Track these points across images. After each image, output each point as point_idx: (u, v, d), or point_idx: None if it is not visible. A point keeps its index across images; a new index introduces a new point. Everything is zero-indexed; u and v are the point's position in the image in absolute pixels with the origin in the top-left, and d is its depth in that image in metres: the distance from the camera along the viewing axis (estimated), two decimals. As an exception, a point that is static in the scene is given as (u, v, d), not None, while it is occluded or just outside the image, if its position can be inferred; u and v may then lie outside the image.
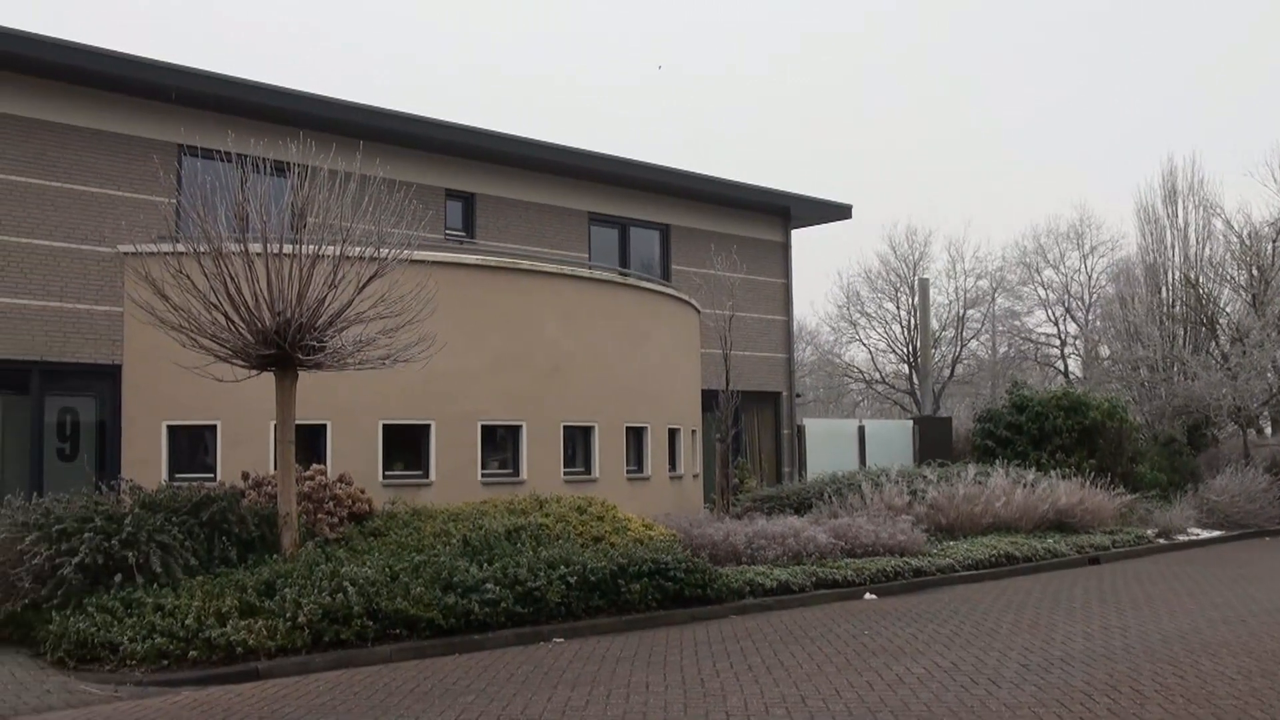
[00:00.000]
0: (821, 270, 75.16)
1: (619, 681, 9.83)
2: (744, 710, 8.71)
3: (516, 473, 19.70)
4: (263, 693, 9.62)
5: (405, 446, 18.84)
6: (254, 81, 19.79)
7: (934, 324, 48.81)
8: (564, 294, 20.59)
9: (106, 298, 18.59)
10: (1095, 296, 52.07)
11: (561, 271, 20.91)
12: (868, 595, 15.14)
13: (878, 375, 56.53)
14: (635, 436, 22.04)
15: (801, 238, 31.53)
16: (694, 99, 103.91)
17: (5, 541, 11.68)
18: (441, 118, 22.41)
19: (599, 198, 25.70)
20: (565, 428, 20.45)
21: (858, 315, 55.53)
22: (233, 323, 12.53)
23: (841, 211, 30.60)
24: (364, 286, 12.74)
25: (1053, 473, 23.13)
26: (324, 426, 17.88)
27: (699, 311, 24.97)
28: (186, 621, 10.56)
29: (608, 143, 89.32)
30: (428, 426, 18.77)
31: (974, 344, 55.23)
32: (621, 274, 23.60)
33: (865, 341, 56.03)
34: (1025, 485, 21.32)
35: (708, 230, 27.91)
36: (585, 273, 21.74)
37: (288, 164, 13.34)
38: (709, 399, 24.29)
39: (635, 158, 25.90)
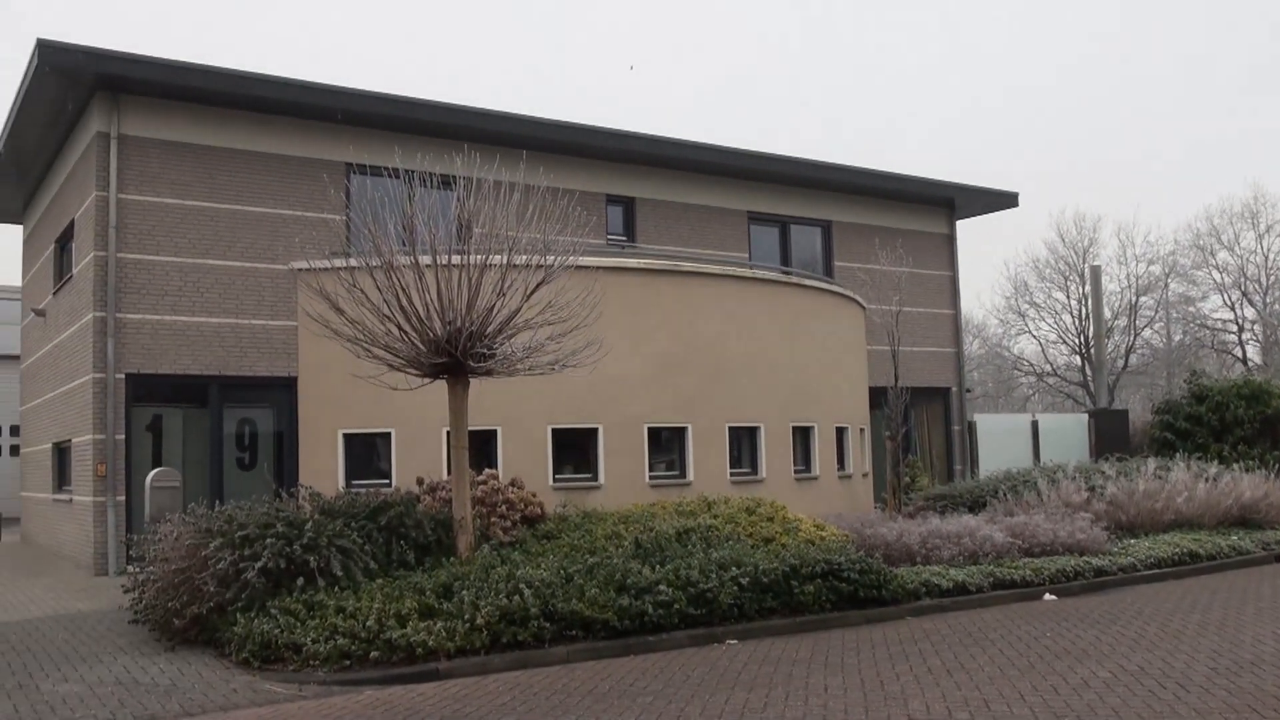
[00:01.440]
0: (988, 261, 73.65)
1: (796, 684, 9.75)
2: (926, 714, 8.55)
3: (683, 474, 19.76)
4: (444, 692, 9.80)
5: (573, 450, 19.07)
6: (418, 99, 20.31)
7: (1106, 313, 47.31)
8: (727, 294, 20.57)
9: (281, 313, 19.25)
10: (1273, 278, 49.91)
11: (724, 272, 20.90)
12: (1047, 596, 14.73)
13: (1049, 368, 55.02)
14: (802, 436, 21.91)
15: (966, 228, 30.94)
16: (844, 90, 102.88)
17: (190, 547, 12.11)
18: (601, 124, 22.62)
19: (759, 197, 25.64)
20: (731, 428, 20.44)
21: (1026, 306, 54.15)
22: (405, 333, 12.84)
23: (1007, 200, 29.92)
24: (531, 294, 12.91)
25: (1235, 465, 22.18)
26: (495, 432, 18.22)
27: (864, 308, 24.70)
28: (368, 623, 10.80)
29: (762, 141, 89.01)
30: (595, 430, 18.97)
31: (1147, 332, 53.36)
32: (784, 272, 23.48)
33: (1035, 333, 54.58)
34: (1207, 479, 20.47)
35: (870, 225, 27.59)
36: (747, 272, 21.70)
37: (453, 177, 13.62)
38: (876, 396, 23.99)
39: (794, 155, 25.73)
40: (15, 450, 33.90)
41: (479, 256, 12.66)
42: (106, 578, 17.66)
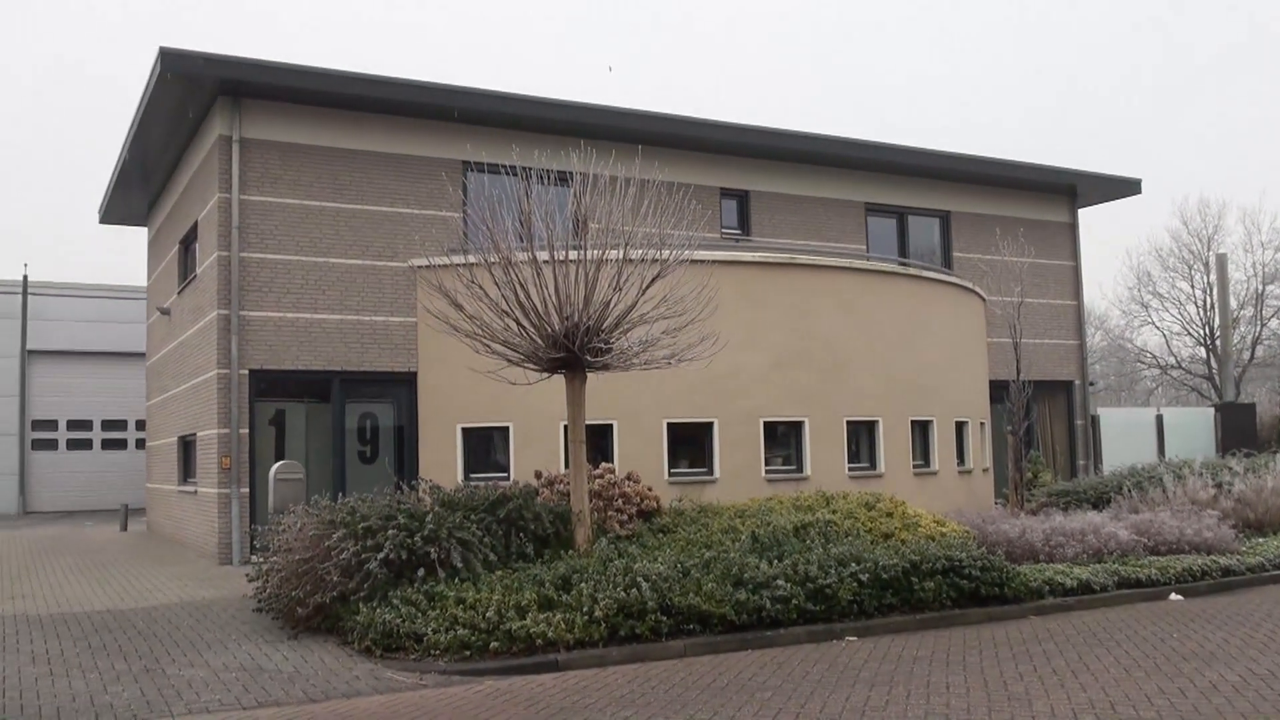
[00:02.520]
0: (1110, 250, 72.04)
1: (917, 682, 9.61)
2: (1051, 715, 8.36)
3: (800, 469, 19.62)
4: (563, 684, 9.84)
5: (689, 444, 19.04)
6: (535, 97, 20.45)
7: (1232, 302, 45.85)
8: (843, 287, 20.38)
9: (401, 309, 19.51)
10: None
11: (841, 264, 20.71)
12: (1173, 596, 14.32)
13: (1173, 360, 53.51)
14: (921, 430, 21.62)
15: (1086, 217, 30.22)
16: (967, 80, 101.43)
17: (314, 538, 12.34)
18: (716, 118, 22.56)
19: (875, 187, 25.33)
20: (848, 423, 20.25)
21: (1149, 296, 52.63)
22: (523, 328, 12.92)
23: (1130, 187, 29.18)
24: (647, 288, 12.91)
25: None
26: (611, 426, 18.27)
27: (984, 299, 24.28)
28: (487, 614, 10.89)
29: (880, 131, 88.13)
30: (711, 424, 18.92)
31: (1275, 323, 51.55)
32: (901, 264, 23.18)
33: (1158, 324, 53.03)
34: (1340, 475, 19.75)
35: (990, 214, 27.12)
36: (864, 264, 21.46)
37: (569, 173, 13.67)
38: (997, 390, 23.58)
39: (912, 145, 25.38)
40: (141, 444, 34.92)
41: (595, 252, 12.69)
42: (230, 567, 18.09)
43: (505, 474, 18.45)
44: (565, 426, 15.27)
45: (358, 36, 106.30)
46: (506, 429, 18.88)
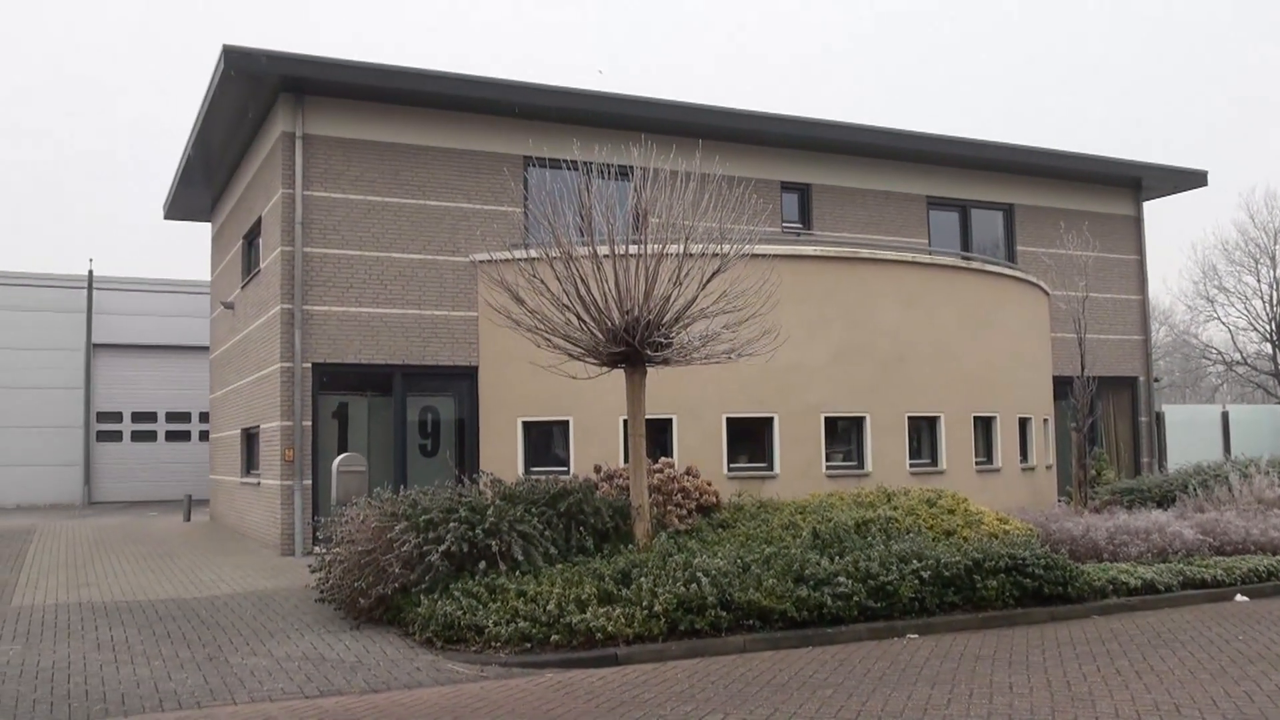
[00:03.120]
0: (1174, 244, 71.06)
1: (980, 681, 9.50)
2: (1115, 717, 8.23)
3: (861, 465, 19.52)
4: (623, 678, 9.84)
5: (749, 439, 18.99)
6: (595, 91, 20.47)
7: (1300, 297, 44.85)
8: (905, 281, 20.23)
9: (462, 304, 19.60)
10: None
11: (902, 259, 20.56)
12: (1239, 597, 14.06)
13: (1238, 356, 52.60)
14: (983, 426, 21.42)
15: (1151, 210, 29.75)
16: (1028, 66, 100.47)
17: (376, 530, 12.42)
18: (777, 111, 22.48)
19: (937, 180, 25.11)
20: (910, 418, 20.10)
21: (1214, 291, 51.70)
22: (584, 322, 12.94)
23: (1196, 179, 28.69)
24: (707, 282, 12.88)
25: None
26: (670, 420, 18.26)
27: (1048, 294, 24.01)
28: (548, 607, 10.90)
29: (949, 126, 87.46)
30: (770, 419, 18.86)
31: (1342, 317, 50.50)
32: (964, 258, 22.97)
33: (1224, 320, 52.12)
34: None
35: (1053, 208, 26.78)
36: (926, 259, 21.30)
37: (630, 167, 13.66)
38: (1060, 386, 23.32)
39: (975, 137, 25.13)
40: (204, 436, 35.37)
41: (656, 246, 12.68)
42: (293, 558, 18.28)
43: (565, 468, 18.50)
44: (625, 421, 15.29)
45: (398, 29, 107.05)
46: (566, 423, 18.93)
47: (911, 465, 20.02)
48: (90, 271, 38.07)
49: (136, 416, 38.57)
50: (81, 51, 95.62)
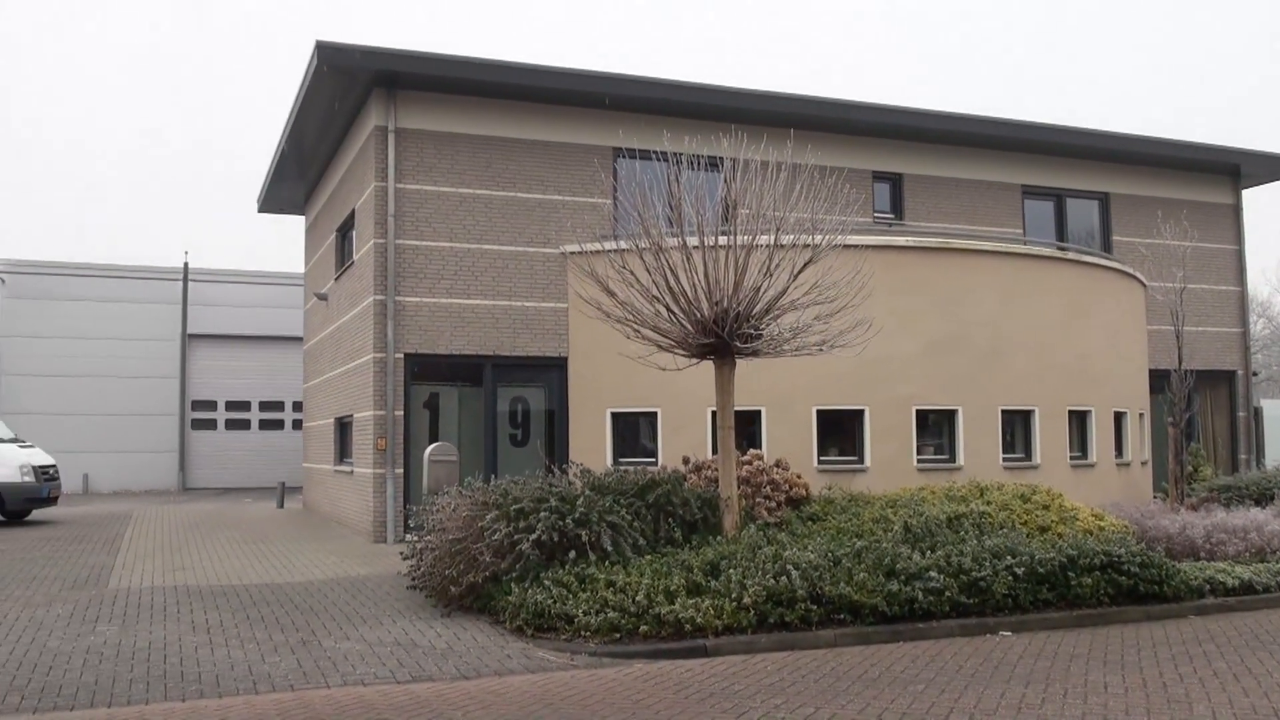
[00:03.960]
0: (1274, 233, 69.31)
1: (1074, 680, 9.33)
2: (1211, 719, 8.07)
3: (953, 459, 19.31)
4: (712, 669, 9.80)
5: (838, 432, 18.88)
6: (685, 82, 20.45)
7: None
8: (999, 272, 19.96)
9: (552, 295, 19.69)
10: None
11: (996, 249, 20.29)
12: (1340, 599, 13.68)
13: (1338, 348, 51.16)
14: (1078, 420, 21.09)
15: (1250, 198, 28.97)
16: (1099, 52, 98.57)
17: (467, 519, 12.51)
18: (869, 100, 22.28)
19: (1032, 169, 24.68)
20: (1003, 412, 19.83)
21: (1314, 282, 50.27)
22: (673, 313, 12.91)
23: (1296, 165, 27.89)
24: (798, 274, 12.77)
25: None
26: (759, 412, 18.20)
27: (1144, 285, 23.53)
28: (637, 598, 10.90)
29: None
30: (861, 412, 18.72)
31: None
32: (1059, 248, 22.59)
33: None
34: None
35: (1150, 196, 26.21)
36: (1021, 249, 20.98)
37: (720, 158, 13.60)
38: (1156, 380, 22.86)
39: (1071, 124, 24.66)
40: (298, 424, 35.95)
41: (746, 237, 12.60)
42: (384, 545, 18.50)
43: (653, 459, 18.52)
44: (713, 412, 15.24)
45: (501, 26, 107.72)
46: (655, 414, 18.95)
47: (1005, 460, 19.75)
48: (185, 264, 38.84)
49: (231, 405, 39.30)
50: (179, 48, 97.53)
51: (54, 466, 25.41)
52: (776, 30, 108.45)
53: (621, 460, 18.73)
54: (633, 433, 19.55)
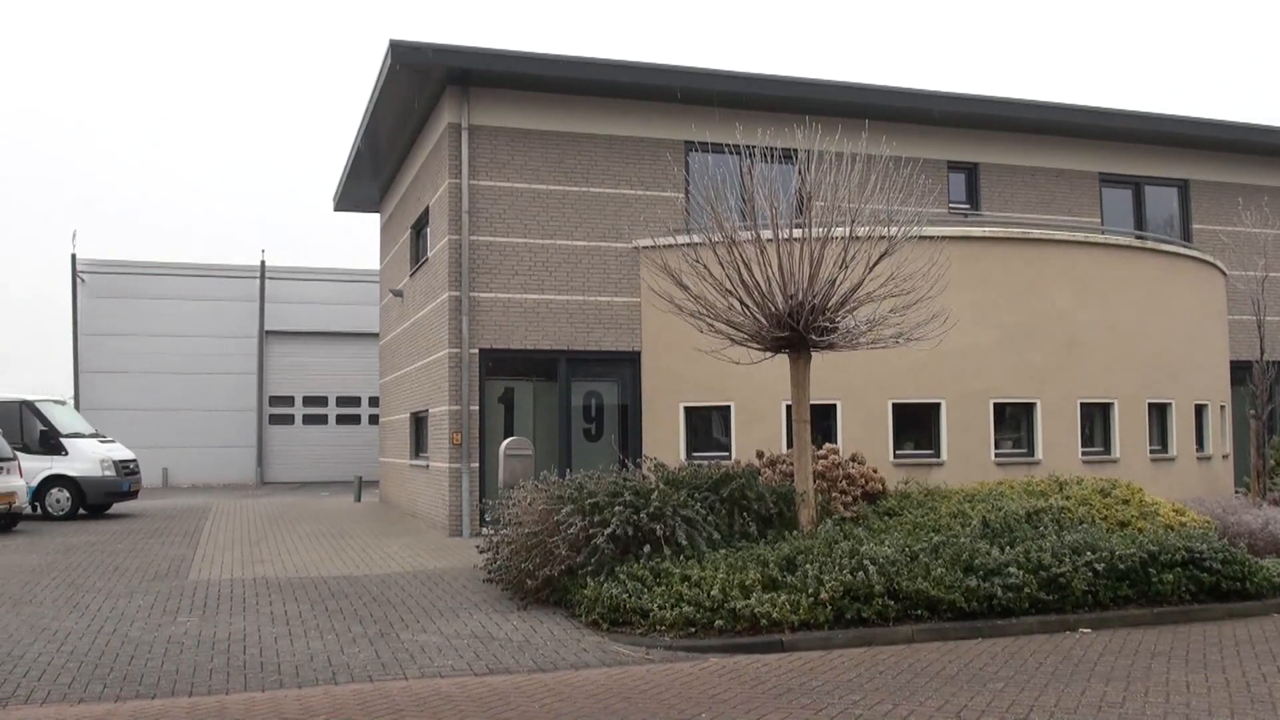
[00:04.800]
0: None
1: (1155, 679, 9.16)
2: (1300, 720, 7.90)
3: (1031, 452, 19.09)
4: (789, 665, 9.76)
5: (915, 425, 18.73)
6: (757, 74, 20.38)
7: None
8: (1077, 262, 19.68)
9: (625, 289, 19.71)
10: None
11: (1074, 239, 20.01)
12: None
13: None
14: (1158, 413, 20.75)
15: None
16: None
17: (543, 512, 12.56)
18: (944, 89, 22.04)
19: (1109, 157, 24.23)
20: (1082, 404, 19.56)
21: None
22: (747, 307, 12.87)
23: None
24: (873, 266, 12.66)
25: None
26: (834, 406, 18.11)
27: (1225, 274, 23.08)
28: (712, 592, 10.87)
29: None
30: (938, 405, 18.56)
31: None
32: (1138, 237, 22.23)
33: None
34: None
35: (1231, 183, 25.64)
36: (1099, 238, 20.67)
37: (793, 150, 13.52)
38: (1238, 371, 22.42)
39: (1150, 110, 24.19)
40: (374, 419, 36.35)
41: (820, 229, 12.52)
42: (460, 539, 18.64)
43: (727, 453, 18.48)
44: (788, 406, 15.18)
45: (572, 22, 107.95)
46: (728, 408, 18.91)
47: (1084, 453, 19.48)
48: (263, 262, 39.41)
49: (308, 400, 39.85)
50: (256, 44, 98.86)
51: (134, 461, 25.94)
52: (844, 20, 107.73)
53: (695, 455, 18.72)
54: (706, 427, 19.53)
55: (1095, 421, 20.04)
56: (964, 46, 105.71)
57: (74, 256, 38.02)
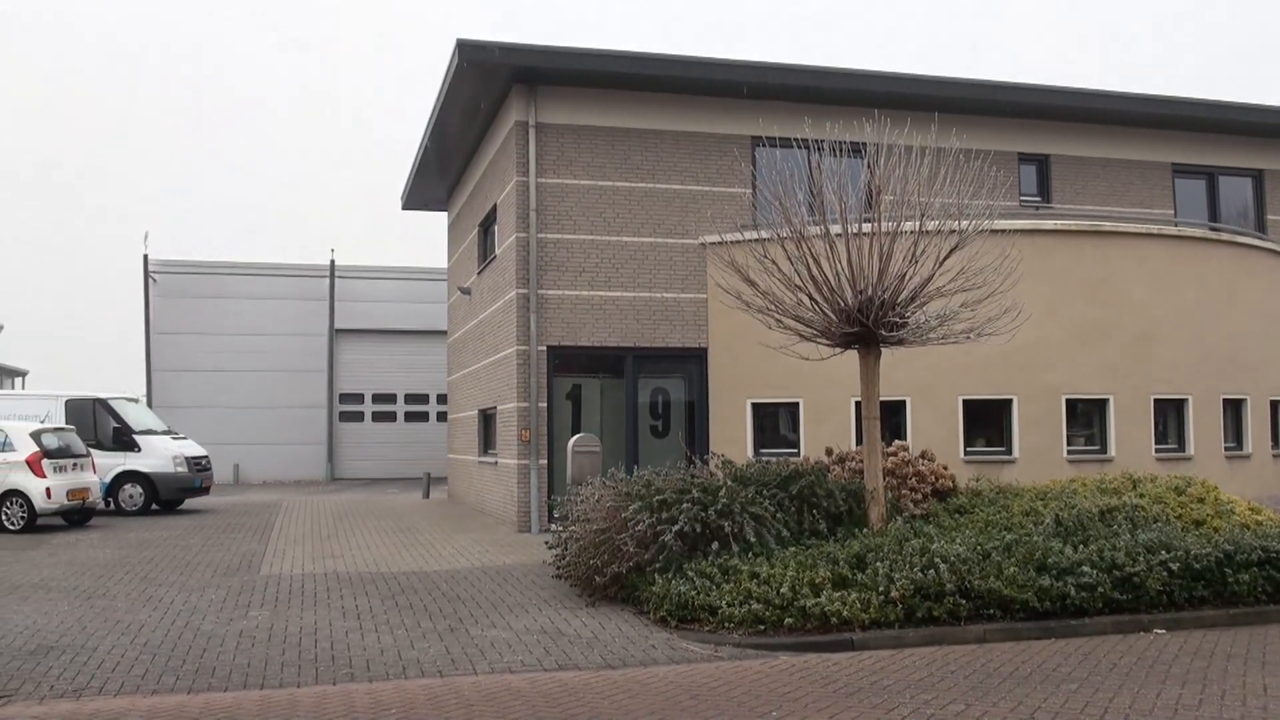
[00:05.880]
0: None
1: (1232, 681, 8.99)
2: (1381, 723, 7.72)
3: (1103, 449, 18.84)
4: (859, 664, 9.70)
5: (985, 422, 18.56)
6: (824, 67, 20.26)
7: None
8: (1150, 255, 19.39)
9: (691, 286, 19.68)
10: None
11: (1146, 231, 19.72)
12: None
13: None
14: (1232, 409, 20.40)
15: None
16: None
17: (611, 509, 12.57)
18: (1014, 80, 21.75)
19: (1182, 147, 23.75)
20: (1155, 400, 19.26)
21: None
22: (815, 302, 12.78)
23: None
24: (944, 260, 12.52)
25: None
26: (903, 403, 17.99)
27: (1302, 266, 22.62)
28: (781, 590, 10.83)
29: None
30: (1009, 401, 18.37)
31: None
32: (1212, 228, 21.80)
33: None
34: None
35: (1307, 171, 25.06)
36: (1172, 230, 20.34)
37: (862, 144, 13.41)
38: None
39: (1224, 99, 23.71)
40: (442, 416, 36.59)
41: (890, 223, 12.41)
42: (528, 535, 18.72)
43: (795, 450, 18.41)
44: (856, 402, 15.07)
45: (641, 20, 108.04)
46: (796, 405, 18.83)
47: (1157, 450, 19.20)
48: (332, 261, 39.82)
49: (377, 398, 40.21)
50: (323, 48, 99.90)
51: (206, 457, 26.33)
52: (910, 11, 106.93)
53: (762, 451, 18.66)
54: (773, 423, 19.46)
55: (1169, 418, 19.73)
56: (1032, 38, 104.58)
57: (146, 257, 38.60)
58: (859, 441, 15.27)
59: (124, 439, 24.84)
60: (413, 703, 8.29)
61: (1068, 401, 18.69)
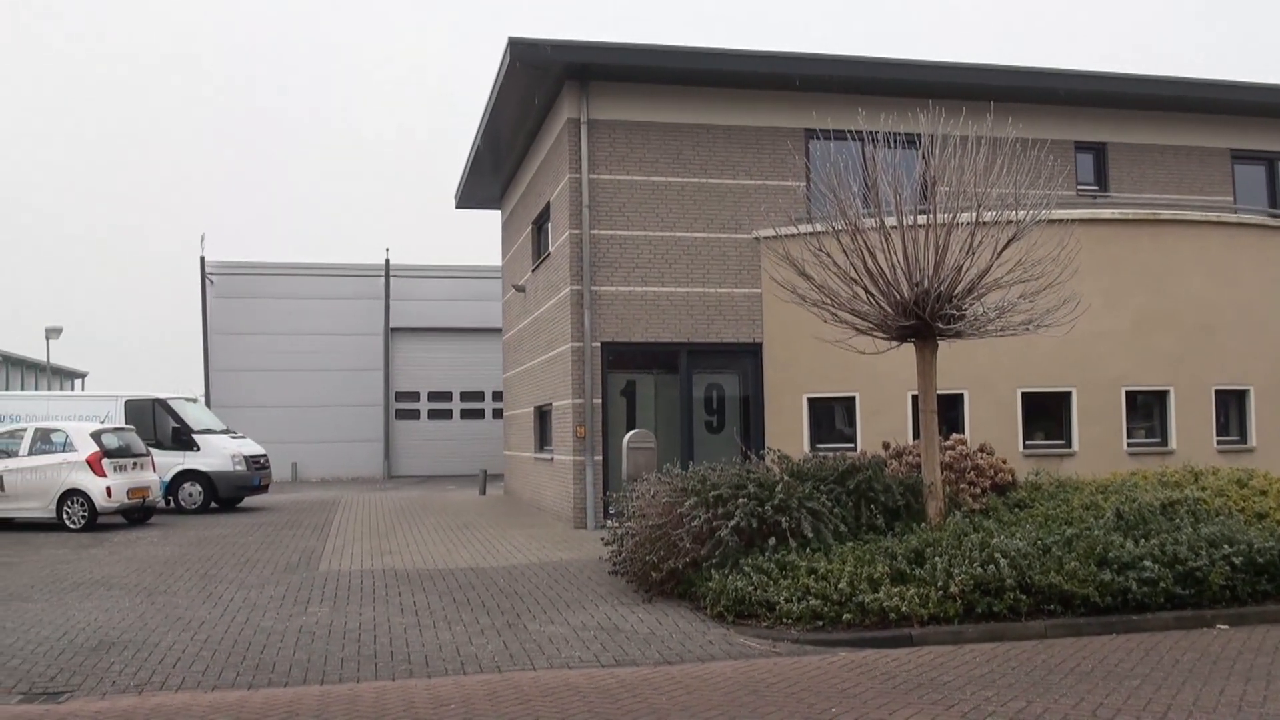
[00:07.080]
0: None
1: (1296, 679, 8.87)
2: None
3: (1164, 442, 18.61)
4: (919, 659, 9.63)
5: (1044, 415, 18.40)
6: (877, 58, 20.12)
7: None
8: (1210, 244, 19.11)
9: (745, 280, 19.63)
10: None
11: (1205, 219, 19.44)
12: None
13: None
14: (1297, 400, 20.03)
15: None
16: None
17: (667, 505, 12.55)
18: (1070, 68, 21.46)
19: (1241, 132, 23.31)
20: (1216, 391, 18.98)
21: None
22: (871, 295, 12.70)
23: None
24: (1001, 251, 12.39)
25: None
26: (961, 396, 17.85)
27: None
28: (839, 586, 10.77)
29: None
30: (1068, 394, 18.19)
31: None
32: (1272, 216, 21.43)
33: None
34: None
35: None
36: (1233, 218, 20.03)
37: (916, 135, 13.30)
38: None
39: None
40: (498, 413, 36.77)
41: (946, 215, 12.30)
42: (585, 531, 18.77)
43: (851, 444, 18.32)
44: (913, 396, 14.97)
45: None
46: (853, 399, 18.73)
47: (1218, 442, 18.92)
48: (387, 260, 40.12)
49: (433, 396, 40.49)
50: (381, 51, 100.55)
51: (264, 456, 26.62)
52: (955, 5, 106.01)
53: (819, 446, 18.58)
54: (829, 418, 19.38)
55: (1230, 409, 19.45)
56: (1093, 25, 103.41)
57: (203, 259, 39.09)
58: (916, 435, 15.15)
59: (183, 438, 25.16)
60: (471, 698, 8.32)
61: (1127, 393, 18.48)
